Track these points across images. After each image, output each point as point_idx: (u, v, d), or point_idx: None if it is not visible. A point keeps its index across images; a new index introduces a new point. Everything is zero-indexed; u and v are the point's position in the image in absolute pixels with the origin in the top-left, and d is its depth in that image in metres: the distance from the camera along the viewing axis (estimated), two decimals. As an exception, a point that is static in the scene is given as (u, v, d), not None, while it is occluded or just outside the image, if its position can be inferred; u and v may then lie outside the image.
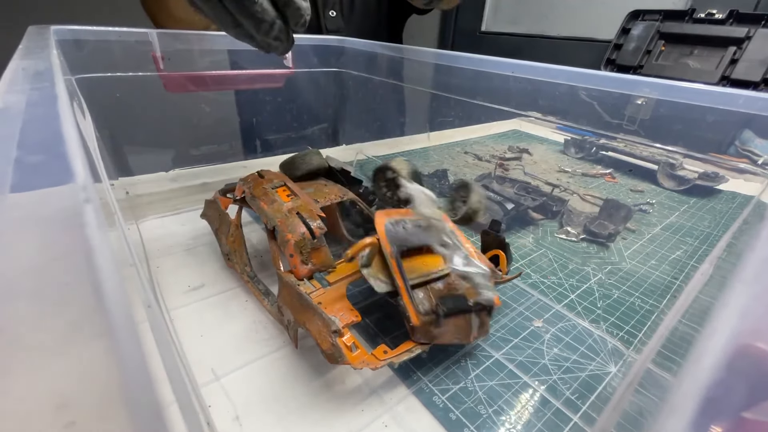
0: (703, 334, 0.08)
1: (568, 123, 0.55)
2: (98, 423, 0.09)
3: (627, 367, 0.35)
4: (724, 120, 0.36)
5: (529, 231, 0.57)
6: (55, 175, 0.10)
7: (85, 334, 0.10)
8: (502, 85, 0.52)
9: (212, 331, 0.36)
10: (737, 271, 0.10)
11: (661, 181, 0.73)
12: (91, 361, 0.10)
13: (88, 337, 0.10)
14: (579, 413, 0.30)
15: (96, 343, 0.10)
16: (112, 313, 0.09)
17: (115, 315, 0.09)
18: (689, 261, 0.51)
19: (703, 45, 0.99)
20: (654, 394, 0.13)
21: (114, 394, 0.09)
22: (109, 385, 0.09)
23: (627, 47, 1.12)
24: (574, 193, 0.69)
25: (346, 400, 0.30)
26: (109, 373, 0.10)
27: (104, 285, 0.09)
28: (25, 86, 0.16)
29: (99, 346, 0.10)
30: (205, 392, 0.30)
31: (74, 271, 0.11)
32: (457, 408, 0.30)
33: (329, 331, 0.28)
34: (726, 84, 0.95)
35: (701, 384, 0.07)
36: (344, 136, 0.83)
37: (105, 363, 0.10)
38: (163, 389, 0.12)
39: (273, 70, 0.63)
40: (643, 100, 0.42)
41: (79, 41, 0.45)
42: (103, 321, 0.09)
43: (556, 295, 0.44)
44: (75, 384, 0.09)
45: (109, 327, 0.09)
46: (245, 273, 0.40)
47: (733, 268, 0.12)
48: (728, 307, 0.08)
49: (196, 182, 0.63)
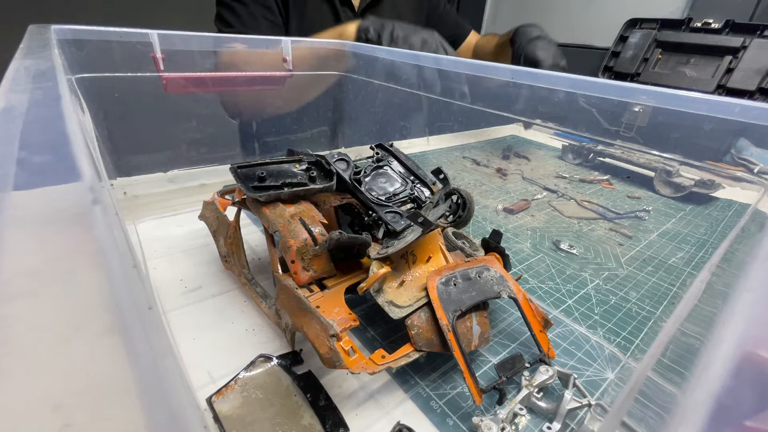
0: (709, 343, 0.08)
1: (566, 129, 0.56)
2: (93, 424, 0.09)
3: (624, 374, 0.35)
4: (720, 128, 0.36)
5: (527, 236, 0.57)
6: (61, 175, 0.10)
7: (84, 334, 0.10)
8: (502, 90, 0.52)
9: (209, 333, 0.35)
10: (741, 280, 0.10)
11: (658, 187, 0.73)
12: (86, 363, 0.10)
13: (88, 337, 0.10)
14: (576, 419, 0.30)
15: (93, 344, 0.10)
16: (116, 314, 0.09)
17: (120, 316, 0.09)
18: (686, 268, 0.52)
19: (700, 54, 1.01)
20: (655, 403, 0.13)
21: (109, 396, 0.09)
22: (104, 386, 0.09)
23: (624, 55, 1.13)
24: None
25: (343, 404, 0.30)
26: (104, 374, 0.09)
27: (112, 287, 0.09)
28: (28, 85, 0.16)
29: (96, 346, 0.10)
30: (201, 395, 0.29)
31: (77, 272, 0.11)
32: (455, 413, 0.30)
33: (327, 335, 0.28)
34: (722, 93, 0.96)
35: (711, 392, 0.07)
36: (343, 139, 0.83)
37: (101, 364, 0.10)
38: (157, 392, 0.12)
39: (273, 73, 0.63)
40: (640, 107, 0.43)
41: (80, 41, 0.45)
42: (106, 322, 0.09)
43: (554, 301, 0.44)
44: (71, 385, 0.09)
45: (113, 328, 0.09)
46: (243, 275, 0.40)
47: (736, 277, 0.12)
48: (734, 315, 0.08)
49: (194, 183, 0.62)
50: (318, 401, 0.29)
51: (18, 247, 0.11)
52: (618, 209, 0.67)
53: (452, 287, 0.32)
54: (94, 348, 0.10)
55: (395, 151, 0.39)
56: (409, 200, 0.37)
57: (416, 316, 0.31)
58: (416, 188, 0.37)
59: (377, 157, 0.39)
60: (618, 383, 0.33)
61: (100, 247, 0.10)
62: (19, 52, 0.24)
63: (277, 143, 0.84)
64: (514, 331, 0.38)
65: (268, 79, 0.64)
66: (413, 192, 0.37)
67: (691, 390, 0.08)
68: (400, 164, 0.39)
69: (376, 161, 0.38)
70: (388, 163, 0.38)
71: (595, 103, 0.47)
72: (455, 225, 0.42)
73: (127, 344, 0.10)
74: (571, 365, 0.35)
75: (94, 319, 0.10)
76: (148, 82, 0.52)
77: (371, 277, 0.30)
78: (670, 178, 0.73)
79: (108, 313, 0.10)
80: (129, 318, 0.09)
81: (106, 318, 0.10)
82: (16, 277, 0.11)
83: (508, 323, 0.39)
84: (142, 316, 0.15)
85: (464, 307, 0.31)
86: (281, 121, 0.75)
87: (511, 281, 0.35)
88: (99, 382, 0.09)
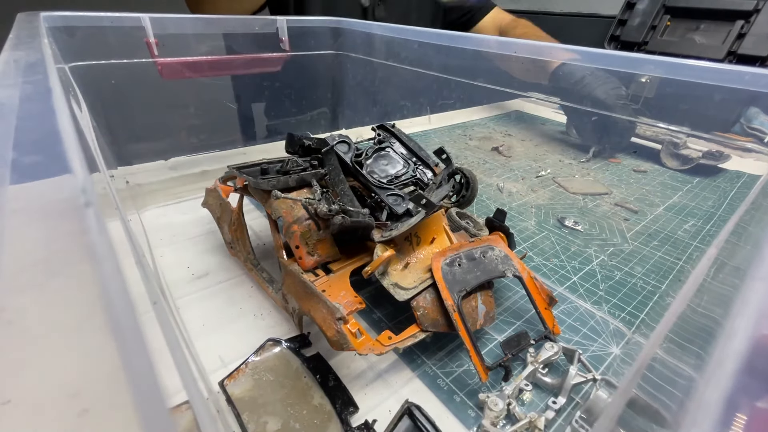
0: (726, 324, 0.08)
1: (570, 103, 0.54)
2: (110, 410, 0.09)
3: (629, 348, 0.35)
4: (729, 98, 0.35)
5: (531, 214, 0.57)
6: (53, 176, 0.10)
7: (94, 325, 0.10)
8: (504, 65, 0.51)
9: (218, 319, 0.36)
10: (755, 266, 0.10)
11: (665, 160, 0.72)
12: (99, 351, 0.10)
13: (98, 328, 0.10)
14: (581, 394, 0.31)
15: (103, 334, 0.10)
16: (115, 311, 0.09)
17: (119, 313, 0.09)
18: (692, 241, 0.51)
19: (710, 19, 0.97)
20: (665, 381, 0.13)
21: (123, 383, 0.09)
22: (118, 373, 0.09)
23: (632, 23, 1.09)
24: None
25: (351, 384, 0.30)
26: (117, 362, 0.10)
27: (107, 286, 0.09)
28: (18, 79, 0.16)
29: (107, 337, 0.10)
30: (214, 379, 0.30)
31: (77, 267, 0.11)
32: (461, 390, 0.31)
33: (334, 319, 0.28)
34: (732, 59, 0.93)
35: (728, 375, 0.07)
36: (344, 120, 0.82)
37: (113, 353, 0.10)
38: (173, 377, 0.12)
39: (270, 54, 0.62)
40: (647, 78, 0.41)
41: (71, 28, 0.44)
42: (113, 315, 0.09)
43: (559, 278, 0.44)
44: (85, 373, 0.09)
45: (114, 321, 0.09)
46: (248, 261, 0.40)
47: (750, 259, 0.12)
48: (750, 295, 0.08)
49: (195, 170, 0.62)
50: (327, 382, 0.30)
51: (20, 241, 0.11)
52: (623, 184, 0.66)
53: (457, 268, 0.33)
54: (105, 339, 0.10)
55: (397, 131, 0.39)
56: (411, 182, 0.36)
57: (422, 297, 0.31)
58: (419, 170, 0.37)
59: (379, 138, 0.38)
60: (624, 358, 0.34)
61: (101, 246, 0.10)
62: (8, 43, 0.24)
63: (276, 126, 0.83)
64: (519, 309, 0.39)
65: (265, 60, 0.63)
66: (416, 174, 0.37)
67: (707, 372, 0.08)
68: (402, 145, 0.38)
69: (377, 143, 0.38)
70: (390, 144, 0.38)
71: (601, 75, 0.46)
72: (459, 205, 0.42)
73: (135, 335, 0.10)
74: (576, 341, 0.36)
75: (102, 312, 0.10)
76: (144, 69, 0.51)
77: (376, 261, 0.30)
78: (677, 150, 0.71)
79: (114, 307, 0.10)
80: (132, 313, 0.09)
81: (113, 312, 0.10)
82: (23, 270, 0.11)
83: (513, 301, 0.40)
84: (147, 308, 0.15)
85: (469, 287, 0.32)
86: (280, 104, 0.74)
87: (516, 260, 0.35)
88: (109, 371, 0.10)
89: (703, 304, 0.15)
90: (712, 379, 0.07)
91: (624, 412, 0.13)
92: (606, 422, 0.12)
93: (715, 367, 0.07)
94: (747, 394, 0.07)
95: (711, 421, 0.07)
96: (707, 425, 0.07)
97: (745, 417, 0.07)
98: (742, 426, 0.07)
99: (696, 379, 0.09)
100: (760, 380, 0.08)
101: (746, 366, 0.07)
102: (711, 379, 0.07)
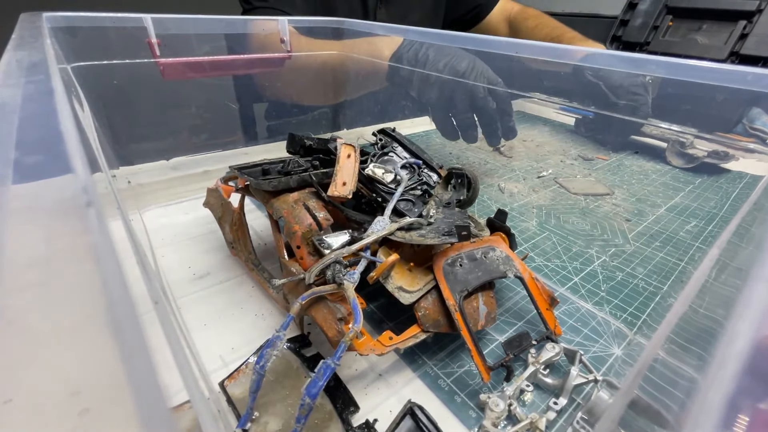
0: (728, 325, 0.08)
1: (572, 104, 0.54)
2: (111, 409, 0.09)
3: (631, 349, 0.35)
4: (731, 98, 0.35)
5: (533, 214, 0.57)
6: (55, 175, 0.10)
7: (95, 325, 0.10)
8: (505, 65, 0.51)
9: (219, 318, 0.36)
10: (757, 267, 0.10)
11: (670, 158, 0.72)
12: (101, 350, 0.10)
13: (97, 327, 0.10)
14: (582, 394, 0.31)
15: (105, 334, 0.10)
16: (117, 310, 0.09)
17: (120, 313, 0.09)
18: (694, 242, 0.51)
19: (712, 19, 0.97)
20: (666, 382, 0.13)
21: (124, 382, 0.09)
22: (119, 373, 0.10)
23: (633, 23, 1.09)
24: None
25: (352, 384, 0.30)
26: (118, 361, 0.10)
27: (109, 285, 0.09)
28: (21, 79, 0.16)
29: (108, 336, 0.10)
30: (214, 379, 0.30)
31: (79, 267, 0.11)
32: (462, 390, 0.31)
33: (335, 319, 0.28)
34: (735, 60, 0.92)
35: (730, 376, 0.07)
36: (345, 120, 0.82)
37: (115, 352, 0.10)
38: (173, 376, 0.12)
39: (271, 54, 0.62)
40: (649, 78, 0.41)
41: (73, 28, 0.44)
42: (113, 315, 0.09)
43: (560, 279, 0.44)
44: (87, 373, 0.10)
45: (115, 321, 0.09)
46: (250, 261, 0.40)
47: (752, 260, 0.12)
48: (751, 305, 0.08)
49: (197, 170, 0.62)
50: (328, 382, 0.30)
51: (22, 241, 0.11)
52: (624, 184, 0.66)
53: (458, 268, 0.32)
54: (106, 338, 0.10)
55: (398, 135, 0.39)
56: (417, 186, 0.36)
57: (423, 298, 0.31)
58: (423, 173, 0.37)
59: (381, 143, 0.38)
60: (625, 359, 0.33)
61: (103, 245, 0.10)
62: (11, 43, 0.24)
63: (278, 126, 0.83)
64: (521, 309, 0.39)
65: (266, 61, 0.63)
66: (421, 177, 0.37)
67: (708, 374, 0.08)
68: (405, 149, 0.38)
69: (380, 148, 0.38)
70: (393, 149, 0.38)
71: (603, 76, 0.46)
72: (460, 205, 0.42)
73: (136, 335, 0.10)
74: (577, 342, 0.35)
75: (103, 311, 0.10)
76: (146, 69, 0.51)
77: (380, 266, 0.30)
78: (683, 149, 0.71)
79: (115, 306, 0.10)
80: (133, 314, 0.09)
81: (114, 311, 0.10)
82: (25, 270, 0.11)
83: (515, 302, 0.40)
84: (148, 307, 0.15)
85: (470, 287, 0.32)
86: (282, 104, 0.74)
87: (517, 260, 0.35)
88: (110, 370, 0.10)
89: (705, 305, 0.15)
90: (714, 380, 0.07)
91: (625, 413, 0.13)
92: (607, 423, 0.12)
93: (717, 368, 0.07)
94: (749, 396, 0.07)
95: (713, 423, 0.07)
96: (709, 427, 0.07)
97: (747, 418, 0.07)
98: (744, 428, 0.07)
99: (698, 381, 0.09)
100: (763, 382, 0.08)
101: (748, 367, 0.07)
102: (713, 381, 0.07)
